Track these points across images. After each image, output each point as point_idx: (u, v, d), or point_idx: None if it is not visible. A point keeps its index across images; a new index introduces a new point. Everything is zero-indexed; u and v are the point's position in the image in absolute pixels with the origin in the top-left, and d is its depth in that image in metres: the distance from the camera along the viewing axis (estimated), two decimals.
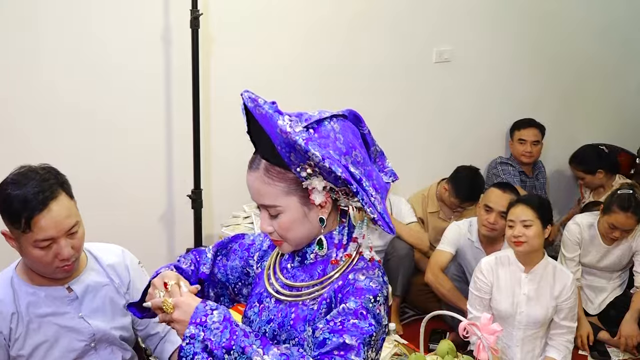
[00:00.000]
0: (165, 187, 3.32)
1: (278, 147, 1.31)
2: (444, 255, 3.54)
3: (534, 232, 2.89)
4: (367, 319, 1.31)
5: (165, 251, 3.41)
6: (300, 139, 1.28)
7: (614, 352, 3.49)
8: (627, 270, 3.70)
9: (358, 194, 1.33)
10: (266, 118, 1.31)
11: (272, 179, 1.36)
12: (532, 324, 2.98)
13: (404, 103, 4.05)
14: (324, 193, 1.36)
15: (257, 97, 1.33)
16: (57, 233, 1.77)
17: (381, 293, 1.36)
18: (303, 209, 1.38)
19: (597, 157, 4.32)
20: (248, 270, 1.60)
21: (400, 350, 2.54)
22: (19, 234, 1.76)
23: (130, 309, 1.60)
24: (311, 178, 1.33)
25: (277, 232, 1.41)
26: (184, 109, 3.15)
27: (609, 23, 4.89)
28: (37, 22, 2.85)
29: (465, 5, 4.14)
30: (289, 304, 1.44)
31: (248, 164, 1.41)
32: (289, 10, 3.51)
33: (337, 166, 1.30)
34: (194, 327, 1.29)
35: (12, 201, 1.73)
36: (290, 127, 1.29)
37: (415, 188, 4.08)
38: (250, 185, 1.40)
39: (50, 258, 1.79)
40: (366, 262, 1.42)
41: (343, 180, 1.32)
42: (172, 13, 3.13)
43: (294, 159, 1.32)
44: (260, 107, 1.31)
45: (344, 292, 1.36)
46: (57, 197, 1.77)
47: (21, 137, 2.92)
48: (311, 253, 1.45)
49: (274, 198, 1.37)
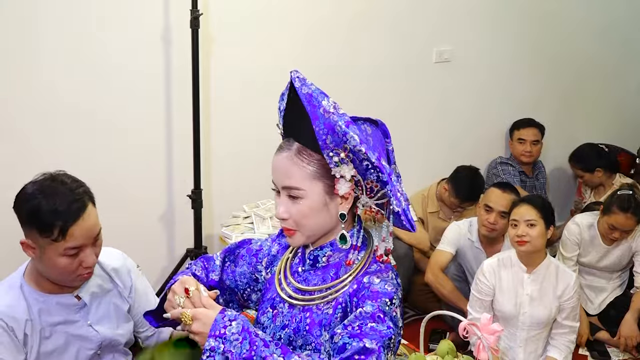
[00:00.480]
0: (165, 187, 3.32)
1: (316, 129, 1.32)
2: (444, 255, 3.54)
3: (538, 231, 2.89)
4: (384, 322, 1.31)
5: (165, 251, 3.41)
6: (341, 120, 1.30)
7: (614, 352, 3.49)
8: (627, 270, 3.70)
9: (387, 184, 1.33)
10: (311, 97, 1.33)
11: (302, 160, 1.37)
12: (536, 325, 2.98)
13: (404, 103, 4.05)
14: (350, 185, 1.37)
15: (304, 77, 1.36)
16: (86, 241, 1.78)
17: (396, 295, 1.36)
18: (325, 198, 1.39)
19: (596, 156, 4.32)
20: (257, 276, 1.60)
21: (400, 350, 2.54)
22: (47, 242, 1.75)
23: (146, 317, 1.59)
24: (342, 165, 1.34)
25: (293, 219, 1.40)
26: (184, 109, 3.15)
27: (609, 23, 4.89)
28: (37, 22, 2.85)
29: (465, 5, 4.14)
30: (303, 309, 1.43)
31: (278, 148, 1.42)
32: (289, 10, 3.51)
33: (372, 152, 1.32)
34: (213, 340, 1.29)
35: (44, 212, 1.74)
36: (334, 107, 1.32)
37: (415, 188, 4.08)
38: (277, 166, 1.40)
39: (75, 266, 1.79)
40: (379, 265, 1.42)
41: (374, 170, 1.33)
42: (172, 13, 3.13)
43: (329, 142, 1.32)
44: (307, 86, 1.34)
45: (359, 295, 1.36)
46: (87, 207, 1.79)
47: (21, 137, 2.92)
48: (323, 256, 1.45)
49: (301, 180, 1.37)
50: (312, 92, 1.33)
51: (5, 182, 2.91)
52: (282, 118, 1.43)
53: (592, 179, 4.33)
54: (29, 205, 1.77)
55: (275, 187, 1.44)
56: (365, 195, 1.39)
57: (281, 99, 1.42)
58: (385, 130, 1.42)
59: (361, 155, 1.31)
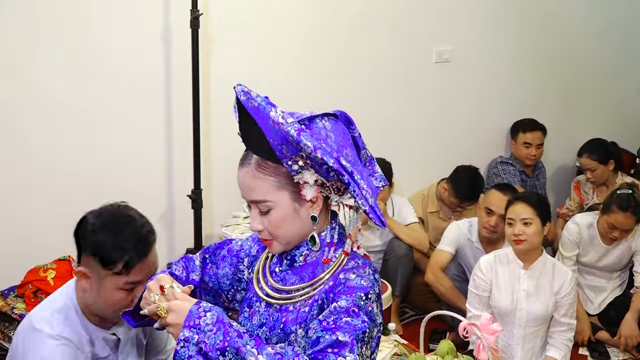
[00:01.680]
0: (165, 187, 3.32)
1: (270, 140, 1.31)
2: (444, 255, 3.54)
3: (534, 230, 2.89)
4: (359, 316, 1.31)
5: (165, 251, 3.40)
6: (292, 129, 1.28)
7: (614, 352, 3.49)
8: (627, 270, 3.70)
9: (350, 185, 1.32)
10: (258, 110, 1.31)
11: (263, 173, 1.36)
12: (533, 321, 2.98)
13: (404, 103, 4.05)
14: (316, 188, 1.36)
15: (249, 90, 1.33)
16: (145, 277, 1.76)
17: (372, 290, 1.36)
18: (294, 205, 1.38)
19: (609, 147, 4.28)
20: (239, 276, 1.59)
21: (400, 350, 2.54)
22: (108, 274, 1.74)
23: (124, 317, 1.59)
24: (302, 171, 1.33)
25: (267, 230, 1.40)
26: (184, 109, 3.15)
27: (609, 23, 4.89)
28: (37, 22, 2.85)
29: (465, 5, 4.14)
30: (280, 308, 1.43)
31: (239, 162, 1.41)
32: (289, 10, 3.51)
33: (329, 157, 1.30)
34: (187, 330, 1.29)
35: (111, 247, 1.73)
36: (282, 118, 1.29)
37: (415, 188, 4.08)
38: (241, 182, 1.40)
39: (128, 301, 1.77)
40: (356, 262, 1.41)
41: (335, 173, 1.32)
42: (172, 13, 3.13)
43: (285, 152, 1.31)
44: (253, 99, 1.31)
45: (335, 291, 1.36)
46: (153, 247, 1.80)
47: (21, 137, 2.92)
48: (300, 255, 1.44)
49: (265, 193, 1.37)
50: (258, 104, 1.31)
51: (5, 182, 2.93)
52: (239, 129, 1.41)
53: (603, 172, 4.21)
54: (95, 239, 1.75)
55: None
56: (335, 194, 1.39)
57: (234, 111, 1.40)
58: (347, 117, 1.41)
59: (319, 160, 1.30)
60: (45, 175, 2.99)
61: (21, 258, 2.84)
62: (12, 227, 2.95)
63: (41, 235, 2.93)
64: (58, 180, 2.99)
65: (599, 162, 4.20)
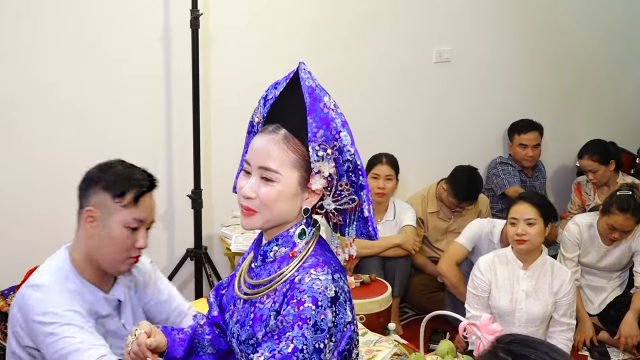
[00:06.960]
0: (165, 187, 3.32)
1: (310, 120, 1.37)
2: (460, 250, 3.49)
3: (537, 230, 2.89)
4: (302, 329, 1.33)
5: (165, 251, 3.41)
6: (339, 119, 1.37)
7: (614, 352, 3.49)
8: (627, 270, 3.70)
9: (364, 188, 1.41)
10: (314, 91, 1.39)
11: (288, 146, 1.41)
12: (532, 321, 2.98)
13: (404, 103, 4.05)
14: (324, 182, 1.41)
15: (311, 71, 1.43)
16: (148, 216, 1.86)
17: (324, 295, 1.36)
18: (296, 189, 1.42)
19: (610, 147, 4.27)
20: None
21: (400, 350, 2.53)
22: (117, 208, 1.80)
23: None
24: (323, 161, 1.38)
25: (260, 199, 1.42)
26: (184, 109, 3.16)
27: (609, 23, 4.89)
28: (37, 22, 2.86)
29: (465, 5, 4.15)
30: (251, 303, 1.48)
31: (261, 129, 1.46)
32: (289, 11, 3.51)
33: (359, 157, 1.39)
34: None
35: (123, 177, 1.83)
36: (334, 105, 1.39)
37: (415, 188, 4.08)
38: (259, 146, 1.42)
39: (129, 244, 1.83)
40: (317, 258, 1.44)
41: (353, 173, 1.39)
42: (172, 13, 3.14)
43: (319, 136, 1.37)
44: (313, 80, 1.41)
45: (288, 296, 1.39)
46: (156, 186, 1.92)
47: (21, 137, 2.92)
48: (270, 251, 1.48)
49: (281, 164, 1.41)
50: (315, 86, 1.40)
51: (5, 182, 2.93)
52: (271, 106, 1.46)
53: (605, 173, 4.20)
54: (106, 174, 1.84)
55: (246, 168, 1.46)
56: (331, 198, 1.43)
57: (274, 86, 1.46)
58: None
59: (347, 156, 1.37)
60: (45, 175, 2.99)
61: (21, 258, 2.83)
62: (12, 227, 2.95)
63: (41, 235, 2.93)
64: (58, 180, 2.99)
65: (600, 163, 4.19)
